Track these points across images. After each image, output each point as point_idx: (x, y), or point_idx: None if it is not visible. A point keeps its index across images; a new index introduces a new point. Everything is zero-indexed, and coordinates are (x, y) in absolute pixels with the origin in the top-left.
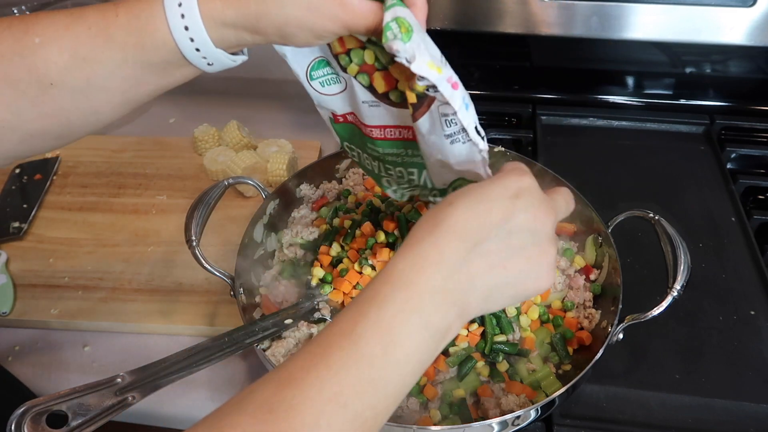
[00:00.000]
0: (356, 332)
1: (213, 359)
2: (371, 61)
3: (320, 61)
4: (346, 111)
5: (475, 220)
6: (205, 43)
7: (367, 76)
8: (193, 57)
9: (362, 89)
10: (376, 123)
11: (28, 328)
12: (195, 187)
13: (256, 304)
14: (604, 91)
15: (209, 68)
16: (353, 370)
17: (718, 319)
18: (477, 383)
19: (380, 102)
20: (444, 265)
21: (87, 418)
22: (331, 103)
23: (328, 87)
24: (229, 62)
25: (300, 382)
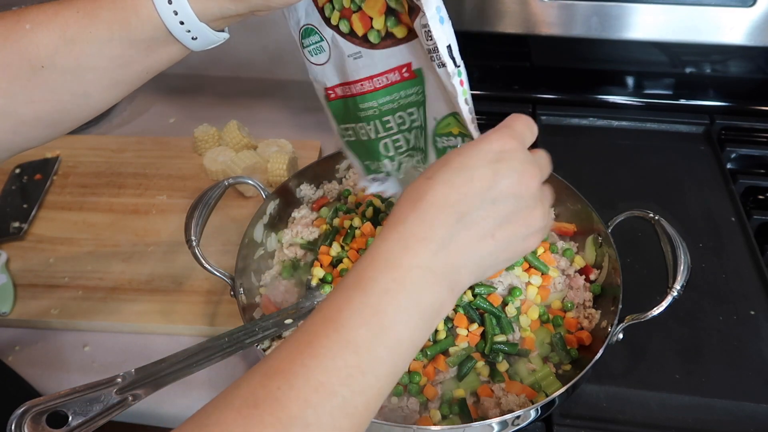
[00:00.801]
0: (341, 318)
1: (213, 359)
2: (348, 4)
3: (307, 29)
4: (335, 83)
5: (457, 191)
6: (189, 16)
7: (347, 22)
8: (177, 31)
9: (345, 43)
10: (363, 75)
11: (28, 328)
12: (195, 187)
13: (256, 304)
14: (604, 91)
15: (194, 44)
16: (340, 358)
17: (718, 319)
18: (477, 383)
19: (362, 48)
20: (430, 241)
21: (87, 418)
22: (321, 75)
23: (317, 56)
24: (213, 37)
25: (285, 372)
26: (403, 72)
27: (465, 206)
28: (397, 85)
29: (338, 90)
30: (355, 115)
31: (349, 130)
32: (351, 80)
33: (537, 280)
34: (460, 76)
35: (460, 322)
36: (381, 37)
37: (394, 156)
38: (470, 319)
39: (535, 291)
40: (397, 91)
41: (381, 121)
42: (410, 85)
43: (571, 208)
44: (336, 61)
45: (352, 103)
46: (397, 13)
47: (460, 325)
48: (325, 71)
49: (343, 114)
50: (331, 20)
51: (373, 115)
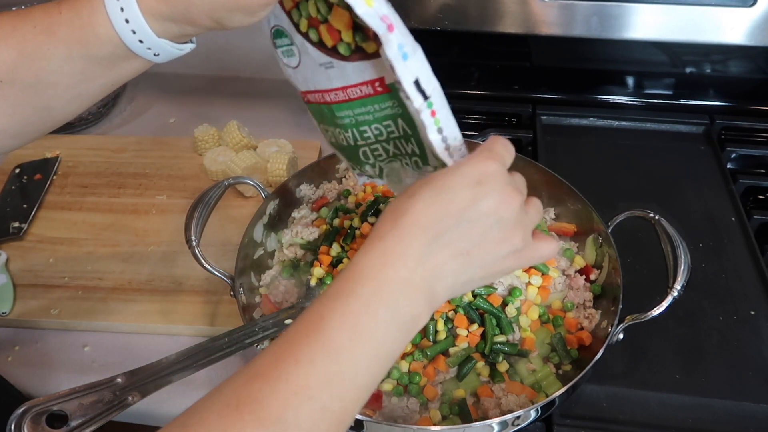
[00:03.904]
0: (323, 326)
1: (213, 359)
2: (315, 14)
3: (278, 30)
4: (308, 89)
5: (437, 211)
6: (148, 35)
7: (316, 31)
8: (137, 49)
9: (316, 51)
10: (337, 85)
11: (28, 328)
12: (195, 187)
13: (256, 304)
14: (604, 91)
15: (156, 59)
16: (320, 364)
17: (718, 319)
18: (477, 383)
19: (333, 59)
20: (408, 258)
21: (87, 418)
22: (294, 78)
23: (288, 59)
24: (176, 51)
25: (267, 376)
26: (375, 86)
27: (442, 226)
28: (370, 98)
29: (311, 96)
30: (332, 120)
31: (328, 132)
32: (323, 89)
33: (537, 280)
34: (431, 107)
35: (460, 323)
36: (351, 50)
37: (374, 163)
38: (470, 320)
39: (536, 291)
40: (371, 104)
41: (358, 131)
42: (384, 99)
43: (571, 208)
44: (307, 68)
45: (327, 110)
46: (363, 29)
47: (460, 326)
48: (297, 75)
49: (320, 116)
50: (300, 27)
51: (350, 123)
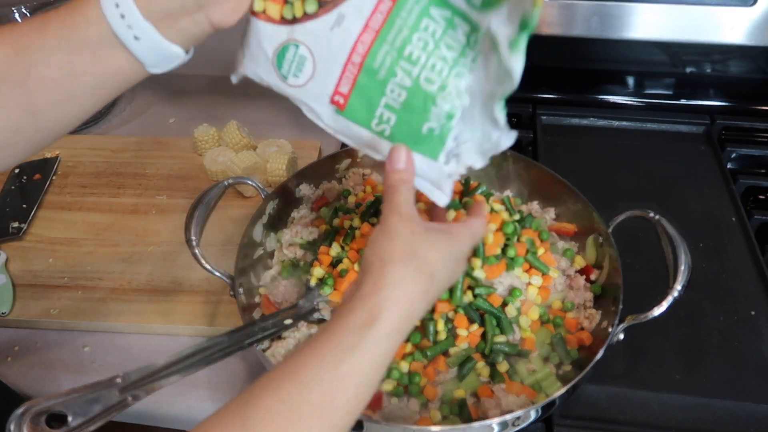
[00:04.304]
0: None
1: (213, 359)
2: None
3: (282, 49)
4: (335, 79)
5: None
6: (130, 6)
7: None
8: (118, 27)
9: (318, 20)
10: (356, 33)
11: (27, 328)
12: (195, 187)
13: (255, 304)
14: (605, 91)
15: (137, 45)
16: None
17: (719, 319)
18: (477, 384)
19: (337, 7)
20: (387, 322)
21: (87, 418)
22: (315, 88)
23: (302, 73)
24: (157, 37)
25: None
26: None
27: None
28: (394, 9)
29: (344, 83)
30: (376, 86)
31: (385, 116)
32: (348, 54)
33: (537, 280)
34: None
35: (460, 323)
36: None
37: (447, 76)
38: (470, 320)
39: (536, 291)
40: (397, 15)
41: (405, 59)
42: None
43: (571, 208)
44: (322, 53)
45: (366, 79)
46: None
47: (460, 326)
48: (317, 81)
49: (366, 104)
50: (295, 16)
51: (392, 60)
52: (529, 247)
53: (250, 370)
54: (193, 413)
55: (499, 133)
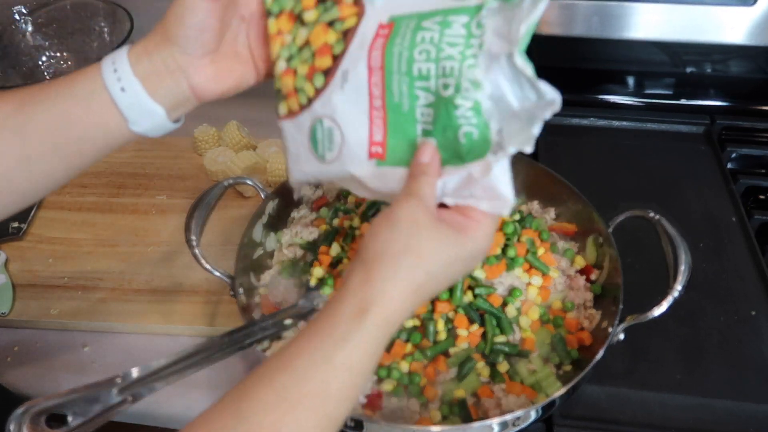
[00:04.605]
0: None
1: (213, 359)
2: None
3: (312, 134)
4: (364, 121)
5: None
6: (123, 63)
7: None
8: (109, 78)
9: (333, 86)
10: (366, 81)
11: (27, 328)
12: (195, 187)
13: (256, 304)
14: (605, 91)
15: (121, 96)
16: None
17: (719, 319)
18: (477, 384)
19: (336, 70)
20: (382, 317)
21: (87, 419)
22: (349, 149)
23: (334, 140)
24: (141, 90)
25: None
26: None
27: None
28: (387, 44)
29: (376, 132)
30: (406, 118)
31: (426, 116)
32: (368, 101)
33: (537, 280)
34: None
35: (460, 323)
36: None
37: (460, 73)
38: (470, 320)
39: (536, 291)
40: (393, 45)
41: (418, 77)
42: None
43: (571, 208)
44: (344, 115)
45: (394, 116)
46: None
47: (460, 326)
48: (349, 144)
49: (405, 140)
50: (309, 97)
51: (408, 86)
52: (529, 247)
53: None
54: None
55: (535, 92)
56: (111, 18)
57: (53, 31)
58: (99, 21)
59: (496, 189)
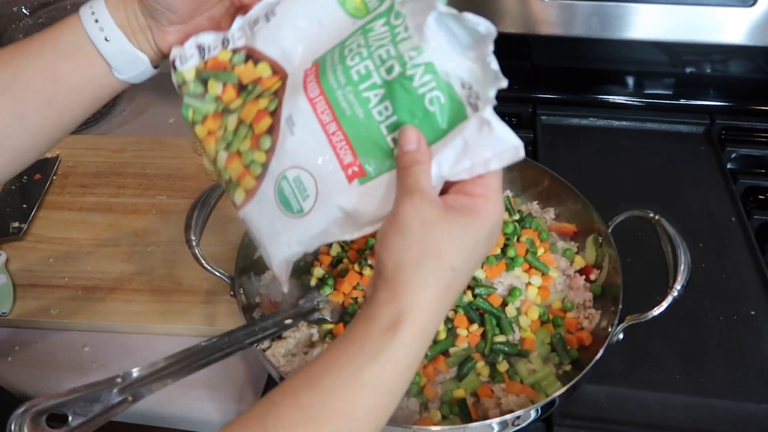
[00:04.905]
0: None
1: (213, 359)
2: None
3: (279, 194)
4: (338, 166)
5: (438, 306)
6: (103, 13)
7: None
8: (92, 30)
9: (282, 137)
10: (312, 114)
11: (27, 328)
12: (195, 187)
13: (256, 304)
14: (604, 91)
15: (106, 46)
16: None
17: (719, 319)
18: (477, 383)
19: (278, 122)
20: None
21: (87, 418)
22: (326, 185)
23: (306, 186)
24: (124, 39)
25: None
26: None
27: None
28: (319, 70)
29: (345, 155)
30: (366, 125)
31: (385, 111)
32: (323, 131)
33: (537, 280)
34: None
35: (460, 323)
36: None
37: (396, 51)
38: (470, 320)
39: (535, 291)
40: (324, 69)
41: (360, 80)
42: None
43: (571, 208)
44: (305, 158)
45: (353, 131)
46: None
47: (460, 326)
48: (323, 180)
49: (375, 146)
50: (263, 162)
51: (355, 94)
52: (528, 247)
53: (250, 370)
54: (193, 413)
55: (468, 32)
56: None
57: None
58: None
59: (500, 138)
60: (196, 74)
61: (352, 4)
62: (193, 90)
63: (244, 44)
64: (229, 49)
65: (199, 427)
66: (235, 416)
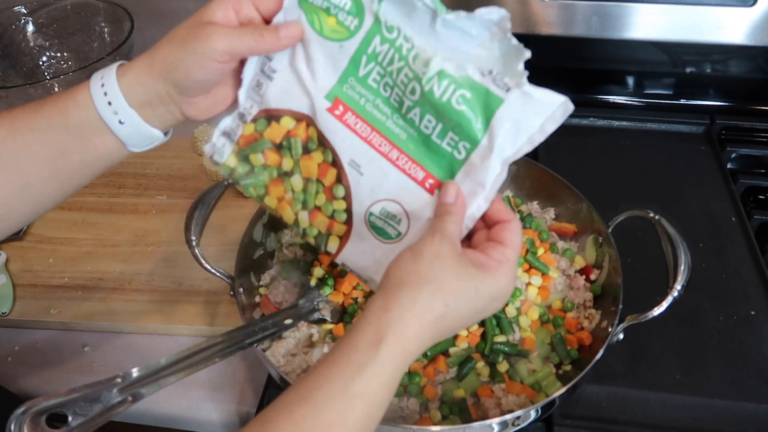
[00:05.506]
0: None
1: (213, 359)
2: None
3: (372, 227)
4: (415, 185)
5: (423, 332)
6: (116, 95)
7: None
8: (105, 112)
9: (361, 175)
10: (371, 147)
11: (27, 328)
12: (195, 187)
13: (256, 304)
14: (604, 91)
15: (121, 128)
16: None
17: (719, 319)
18: (477, 384)
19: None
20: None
21: (87, 418)
22: (412, 204)
23: (395, 214)
24: (140, 121)
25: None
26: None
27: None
28: (359, 107)
29: (413, 171)
30: (420, 140)
31: (453, 143)
32: (386, 159)
33: (537, 280)
34: None
35: None
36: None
37: (409, 60)
38: None
39: (536, 291)
40: (360, 101)
41: (395, 100)
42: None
43: (571, 208)
44: (378, 182)
45: (414, 146)
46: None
47: None
48: (409, 203)
49: (440, 155)
50: (349, 209)
51: (401, 116)
52: (529, 247)
53: (250, 370)
54: (193, 413)
55: (477, 22)
56: (111, 18)
57: (54, 31)
58: (99, 21)
59: (543, 103)
60: (236, 157)
61: (328, 28)
62: (241, 171)
63: (258, 110)
64: (249, 121)
65: (199, 427)
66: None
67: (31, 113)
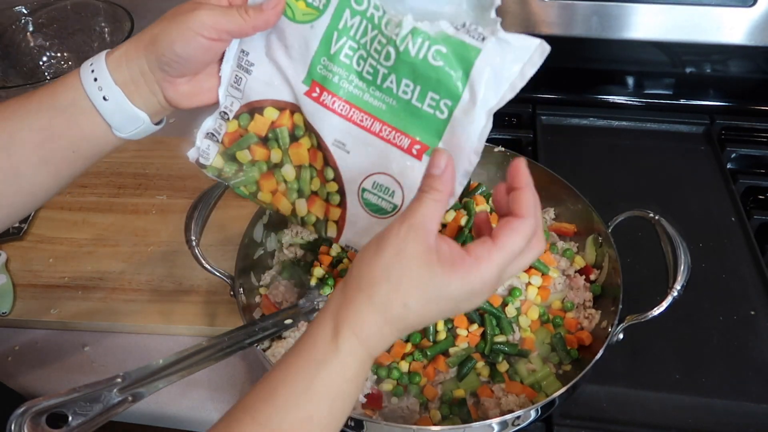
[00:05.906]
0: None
1: (213, 359)
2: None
3: (367, 204)
4: (404, 153)
5: (379, 330)
6: (102, 71)
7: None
8: (90, 89)
9: (352, 181)
10: (360, 126)
11: (28, 328)
12: (195, 187)
13: (256, 304)
14: (604, 91)
15: (105, 105)
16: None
17: (718, 319)
18: (477, 383)
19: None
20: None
21: (87, 418)
22: (404, 171)
23: (388, 187)
24: (123, 98)
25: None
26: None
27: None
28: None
29: (400, 140)
30: (401, 107)
31: (434, 102)
32: (369, 132)
33: (537, 280)
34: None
35: (460, 323)
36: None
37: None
38: (470, 320)
39: (535, 291)
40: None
41: (370, 72)
42: None
43: (571, 208)
44: (369, 161)
45: (393, 115)
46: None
47: (460, 326)
48: (404, 172)
49: (424, 120)
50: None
51: (379, 83)
52: None
53: (250, 370)
54: (193, 413)
55: None
56: (111, 18)
57: (54, 31)
58: (99, 21)
59: (520, 48)
60: (222, 158)
61: (299, 12)
62: (229, 171)
63: (240, 105)
64: (231, 118)
65: (199, 427)
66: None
67: (22, 100)
